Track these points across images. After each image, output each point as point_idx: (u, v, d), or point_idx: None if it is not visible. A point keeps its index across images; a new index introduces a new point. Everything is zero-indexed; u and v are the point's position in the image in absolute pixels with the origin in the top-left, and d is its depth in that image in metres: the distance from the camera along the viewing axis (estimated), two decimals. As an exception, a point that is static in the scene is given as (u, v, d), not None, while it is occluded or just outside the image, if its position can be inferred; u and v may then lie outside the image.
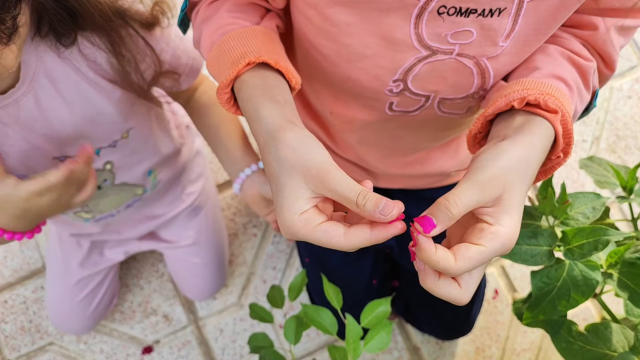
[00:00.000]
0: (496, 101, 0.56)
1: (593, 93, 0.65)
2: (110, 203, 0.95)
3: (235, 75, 0.57)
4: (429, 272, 0.49)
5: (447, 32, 0.57)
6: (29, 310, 1.36)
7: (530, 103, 0.55)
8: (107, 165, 0.88)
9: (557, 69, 0.59)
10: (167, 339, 1.36)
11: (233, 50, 0.58)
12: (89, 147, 0.76)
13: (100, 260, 1.20)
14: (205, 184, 1.20)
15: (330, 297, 0.78)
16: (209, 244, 1.24)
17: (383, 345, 0.74)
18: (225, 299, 1.37)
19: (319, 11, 0.59)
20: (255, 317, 0.85)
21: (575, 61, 0.61)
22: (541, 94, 0.54)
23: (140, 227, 1.14)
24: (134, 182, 0.95)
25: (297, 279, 0.84)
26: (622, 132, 1.49)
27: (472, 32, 0.57)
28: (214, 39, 0.61)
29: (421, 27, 0.57)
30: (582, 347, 0.75)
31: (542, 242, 0.72)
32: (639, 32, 1.54)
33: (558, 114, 0.54)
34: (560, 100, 0.55)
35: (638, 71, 1.53)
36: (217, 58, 0.60)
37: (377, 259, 1.12)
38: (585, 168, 0.89)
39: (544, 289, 0.72)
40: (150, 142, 0.93)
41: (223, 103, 0.59)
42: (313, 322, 0.75)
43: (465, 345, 1.35)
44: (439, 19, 0.56)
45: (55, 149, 0.80)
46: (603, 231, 0.68)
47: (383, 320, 0.76)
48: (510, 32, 0.57)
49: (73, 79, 0.74)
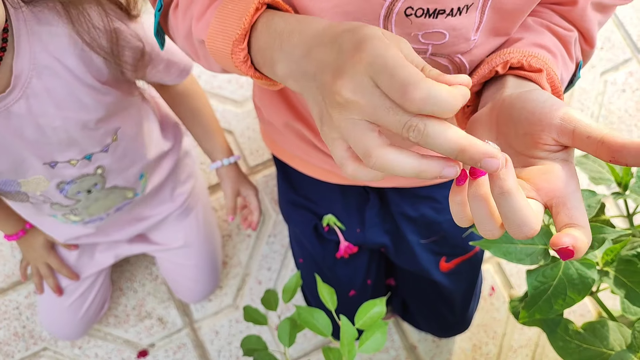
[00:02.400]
0: (479, 69, 0.56)
1: (577, 64, 0.65)
2: (100, 207, 0.94)
3: (249, 22, 0.50)
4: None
5: (417, 33, 0.56)
6: (22, 316, 1.35)
7: (513, 67, 0.54)
8: (99, 169, 0.87)
9: (538, 38, 0.59)
10: (162, 342, 1.34)
11: (234, 11, 0.52)
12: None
13: (89, 264, 1.18)
14: (195, 185, 1.19)
15: (324, 298, 0.77)
16: (201, 246, 1.22)
17: (378, 346, 0.74)
18: (220, 300, 1.36)
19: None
20: (249, 319, 0.84)
21: (555, 31, 0.61)
22: (523, 56, 0.54)
23: (129, 229, 1.12)
24: (124, 185, 0.94)
25: (292, 281, 0.83)
26: (616, 125, 1.49)
27: (444, 34, 0.56)
28: (208, 15, 0.56)
29: (390, 27, 0.55)
30: (578, 346, 0.74)
31: (538, 241, 0.72)
32: (631, 24, 1.53)
33: (543, 72, 0.53)
34: (544, 61, 0.54)
35: (632, 64, 1.52)
36: (220, 26, 0.53)
37: (371, 258, 1.11)
38: (580, 165, 0.88)
39: (540, 288, 0.71)
40: (140, 143, 0.92)
41: (239, 63, 0.52)
42: (307, 324, 0.75)
43: (462, 343, 1.35)
44: (407, 21, 0.54)
45: (45, 154, 0.79)
46: (598, 229, 0.67)
47: (378, 321, 0.76)
48: (479, 24, 0.56)
49: (68, 83, 0.73)
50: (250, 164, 1.42)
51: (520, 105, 0.46)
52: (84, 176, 0.86)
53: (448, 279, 1.07)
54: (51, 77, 0.72)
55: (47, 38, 0.71)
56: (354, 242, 1.06)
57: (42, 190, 0.85)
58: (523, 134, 0.45)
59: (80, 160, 0.83)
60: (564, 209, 0.41)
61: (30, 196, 0.87)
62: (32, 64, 0.70)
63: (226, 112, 1.44)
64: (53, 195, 0.87)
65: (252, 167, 1.42)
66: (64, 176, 0.84)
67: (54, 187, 0.85)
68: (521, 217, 0.38)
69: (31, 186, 0.84)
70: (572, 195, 0.42)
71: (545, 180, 0.43)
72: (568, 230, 0.39)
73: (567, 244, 0.38)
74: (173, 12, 0.64)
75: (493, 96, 0.54)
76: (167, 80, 0.92)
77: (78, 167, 0.84)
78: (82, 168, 0.84)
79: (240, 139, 1.43)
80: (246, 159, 1.42)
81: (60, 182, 0.85)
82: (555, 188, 0.42)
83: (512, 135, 0.47)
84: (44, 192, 0.86)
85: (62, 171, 0.83)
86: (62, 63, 0.72)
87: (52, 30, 0.71)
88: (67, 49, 0.72)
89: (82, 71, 0.73)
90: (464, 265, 1.07)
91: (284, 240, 1.39)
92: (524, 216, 0.38)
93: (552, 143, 0.44)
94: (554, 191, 0.42)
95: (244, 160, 1.42)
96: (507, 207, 0.38)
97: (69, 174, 0.84)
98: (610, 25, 1.54)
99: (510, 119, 0.47)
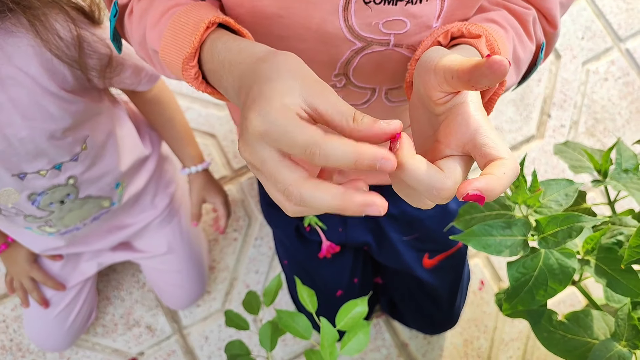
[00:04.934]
0: (423, 42, 0.55)
1: (538, 46, 0.64)
2: (75, 217, 0.93)
3: (199, 41, 0.51)
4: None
5: (378, 21, 0.55)
6: (9, 329, 1.33)
7: (455, 37, 0.54)
8: (70, 180, 0.86)
9: (488, 15, 0.58)
10: (151, 350, 1.33)
11: (186, 26, 0.53)
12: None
13: (74, 274, 1.17)
14: (176, 191, 1.18)
15: (304, 300, 0.76)
16: (185, 252, 1.21)
17: (361, 346, 0.73)
18: (208, 305, 1.35)
19: (247, 8, 0.57)
20: (231, 324, 0.83)
21: (510, 8, 0.61)
22: (463, 25, 0.54)
23: (110, 238, 1.11)
24: (99, 195, 0.93)
25: (272, 284, 0.82)
26: (600, 115, 1.48)
27: (404, 21, 0.55)
28: (161, 26, 0.56)
29: (350, 18, 0.55)
30: (563, 336, 0.74)
31: (516, 232, 0.71)
32: (612, 13, 1.53)
33: (482, 37, 0.53)
34: (484, 28, 0.53)
35: (613, 53, 1.52)
36: (172, 39, 0.54)
37: (356, 257, 1.10)
38: (560, 154, 0.88)
39: (521, 280, 0.71)
40: (112, 151, 0.91)
41: (190, 80, 0.53)
42: (287, 327, 0.74)
43: (453, 339, 1.34)
44: (367, 9, 0.54)
45: (13, 166, 0.78)
46: (576, 218, 0.67)
47: (360, 321, 0.75)
48: (440, 11, 0.56)
49: (33, 92, 0.72)
50: (234, 167, 1.41)
51: (421, 65, 0.46)
52: (55, 187, 0.85)
53: (432, 276, 1.06)
54: (15, 88, 0.71)
55: (10, 49, 0.70)
56: (336, 242, 1.05)
57: (14, 202, 0.84)
58: (425, 93, 0.45)
59: (50, 171, 0.82)
60: (475, 150, 0.41)
61: (2, 209, 0.86)
62: None
63: (209, 116, 1.43)
64: (25, 208, 0.86)
65: (236, 169, 1.41)
66: (34, 187, 0.83)
67: (25, 198, 0.84)
68: (426, 183, 0.38)
69: (2, 198, 0.83)
70: (478, 132, 0.41)
71: (449, 132, 0.43)
72: (481, 176, 0.38)
73: (471, 191, 0.37)
74: (128, 18, 0.63)
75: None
76: (137, 87, 0.92)
77: (48, 177, 0.83)
78: (52, 178, 0.83)
79: (223, 142, 1.42)
80: (230, 162, 1.41)
81: (31, 194, 0.84)
82: (459, 136, 0.42)
83: (421, 95, 0.47)
84: (16, 204, 0.85)
85: (32, 182, 0.82)
86: (26, 73, 0.71)
87: (15, 41, 0.70)
88: (31, 59, 0.71)
89: (46, 80, 0.72)
90: (447, 261, 1.06)
91: (270, 242, 1.38)
92: (427, 181, 0.38)
93: (441, 95, 0.43)
94: (460, 139, 0.42)
95: (228, 164, 1.41)
96: (408, 177, 0.39)
97: (40, 185, 0.83)
98: (591, 14, 1.54)
99: (418, 79, 0.46)
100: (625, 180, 0.79)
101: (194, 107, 1.44)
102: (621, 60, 1.51)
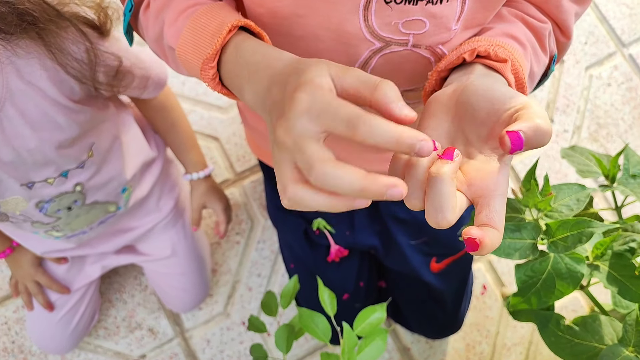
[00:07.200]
0: (448, 56, 0.56)
1: (551, 58, 0.65)
2: (82, 222, 0.93)
3: (221, 44, 0.52)
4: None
5: (398, 21, 0.55)
6: (11, 331, 1.33)
7: (480, 55, 0.55)
8: (77, 187, 0.86)
9: (509, 29, 0.59)
10: (153, 353, 1.33)
11: (207, 27, 0.53)
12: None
13: (78, 276, 1.17)
14: (180, 194, 1.18)
15: (324, 303, 0.76)
16: (188, 255, 1.21)
17: (378, 353, 0.72)
18: (211, 308, 1.35)
19: (268, 8, 0.57)
20: (252, 329, 0.82)
21: (528, 22, 0.61)
22: (491, 45, 0.54)
23: (115, 241, 1.11)
24: (105, 200, 0.93)
25: (289, 285, 0.81)
26: (603, 120, 1.49)
27: (424, 21, 0.55)
28: (179, 24, 0.56)
29: (370, 18, 0.55)
30: (570, 341, 0.74)
31: (526, 235, 0.71)
32: (615, 18, 1.54)
33: (508, 62, 0.53)
34: (510, 52, 0.55)
35: (616, 58, 1.52)
36: (191, 39, 0.54)
37: (362, 260, 1.10)
38: (568, 158, 0.88)
39: (528, 282, 0.71)
40: (117, 156, 0.91)
41: (207, 79, 0.54)
42: (307, 328, 0.73)
43: (455, 343, 1.34)
44: (387, 8, 0.54)
45: (22, 176, 0.78)
46: (587, 223, 0.67)
47: (377, 327, 0.74)
48: (460, 13, 0.56)
49: (41, 104, 0.72)
50: (237, 170, 1.41)
51: (483, 92, 0.47)
52: (63, 194, 0.85)
53: (439, 280, 1.06)
54: (24, 100, 0.71)
55: (20, 62, 0.70)
56: (345, 245, 1.05)
57: (22, 209, 0.84)
58: (480, 123, 0.46)
59: (57, 178, 0.82)
60: (486, 209, 0.43)
61: (10, 216, 0.86)
62: (4, 89, 0.69)
63: (212, 119, 1.43)
64: (33, 215, 0.86)
65: (239, 173, 1.41)
66: (42, 195, 0.83)
67: (33, 206, 0.84)
68: (441, 203, 0.41)
69: (10, 206, 0.83)
70: (498, 198, 0.43)
71: (480, 177, 0.44)
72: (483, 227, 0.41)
73: (475, 236, 0.40)
74: (144, 13, 0.63)
75: (459, 79, 0.54)
76: (143, 94, 0.92)
77: (55, 185, 0.83)
78: (59, 186, 0.84)
79: (226, 145, 1.42)
80: (233, 165, 1.41)
81: (39, 202, 0.84)
82: (485, 187, 0.44)
83: (467, 120, 0.47)
84: (24, 211, 0.85)
85: (40, 191, 0.82)
86: (35, 86, 0.71)
87: (25, 56, 0.70)
88: (41, 73, 0.71)
89: (55, 92, 0.73)
90: (454, 265, 1.06)
91: (273, 245, 1.38)
92: (445, 204, 0.41)
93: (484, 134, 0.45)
94: (483, 190, 0.44)
95: (231, 167, 1.41)
96: (435, 189, 0.41)
97: (47, 193, 0.83)
98: (594, 19, 1.54)
99: (469, 104, 0.47)
100: (633, 185, 0.80)
101: (197, 110, 1.44)
102: (624, 66, 1.52)
